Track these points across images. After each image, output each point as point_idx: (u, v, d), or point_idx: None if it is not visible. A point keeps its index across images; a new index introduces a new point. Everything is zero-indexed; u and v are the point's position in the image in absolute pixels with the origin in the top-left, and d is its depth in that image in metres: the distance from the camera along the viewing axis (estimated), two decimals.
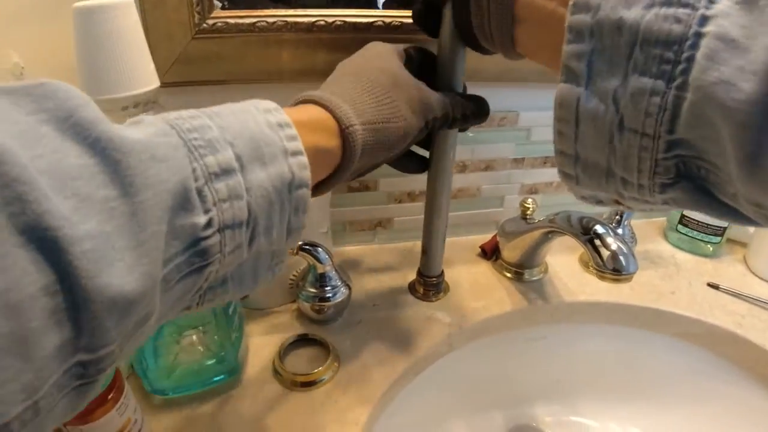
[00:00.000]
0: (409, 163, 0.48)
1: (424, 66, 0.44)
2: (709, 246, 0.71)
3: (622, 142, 0.26)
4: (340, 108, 0.33)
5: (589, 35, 0.26)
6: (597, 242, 0.47)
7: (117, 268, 0.20)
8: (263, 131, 0.27)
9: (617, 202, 0.30)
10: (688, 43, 0.22)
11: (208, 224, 0.24)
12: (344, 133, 0.33)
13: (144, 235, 0.21)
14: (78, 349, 0.19)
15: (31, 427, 0.18)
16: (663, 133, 0.24)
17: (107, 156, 0.20)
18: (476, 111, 0.44)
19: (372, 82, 0.37)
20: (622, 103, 0.25)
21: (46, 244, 0.18)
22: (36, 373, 0.18)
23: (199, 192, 0.24)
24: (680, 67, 0.22)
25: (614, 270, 0.46)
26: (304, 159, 0.28)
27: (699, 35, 0.22)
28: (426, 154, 0.50)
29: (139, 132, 0.22)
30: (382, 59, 0.40)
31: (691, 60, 0.22)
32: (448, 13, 0.41)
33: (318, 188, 0.35)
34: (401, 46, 0.43)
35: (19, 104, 0.19)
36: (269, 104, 0.29)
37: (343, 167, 0.34)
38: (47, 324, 0.18)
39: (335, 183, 0.35)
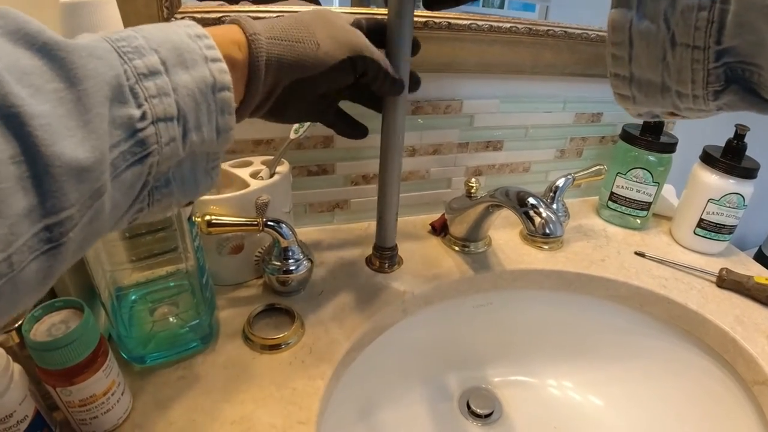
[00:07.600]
0: (348, 127, 0.51)
1: (376, 35, 0.47)
2: (637, 220, 0.79)
3: (675, 57, 0.29)
4: (248, 22, 0.37)
5: None
6: (531, 212, 0.53)
7: (70, 141, 0.23)
8: (184, 41, 0.30)
9: (673, 114, 0.33)
10: None
11: (143, 117, 0.27)
12: (248, 41, 0.36)
13: (89, 116, 0.24)
14: (44, 215, 0.23)
15: (6, 282, 0.21)
16: (712, 44, 0.27)
17: (53, 56, 0.24)
18: (412, 74, 0.48)
19: (295, 18, 0.40)
20: (673, 21, 0.28)
21: (10, 119, 0.21)
22: (9, 228, 0.21)
23: (131, 89, 0.27)
24: None
25: (544, 234, 0.52)
26: (223, 65, 0.31)
27: None
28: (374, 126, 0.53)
29: (78, 39, 0.26)
30: (323, 10, 0.44)
31: None
32: None
33: (239, 112, 0.37)
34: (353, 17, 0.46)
35: None
36: (188, 21, 0.32)
37: (252, 77, 0.37)
38: (16, 187, 0.21)
39: (252, 102, 0.38)
